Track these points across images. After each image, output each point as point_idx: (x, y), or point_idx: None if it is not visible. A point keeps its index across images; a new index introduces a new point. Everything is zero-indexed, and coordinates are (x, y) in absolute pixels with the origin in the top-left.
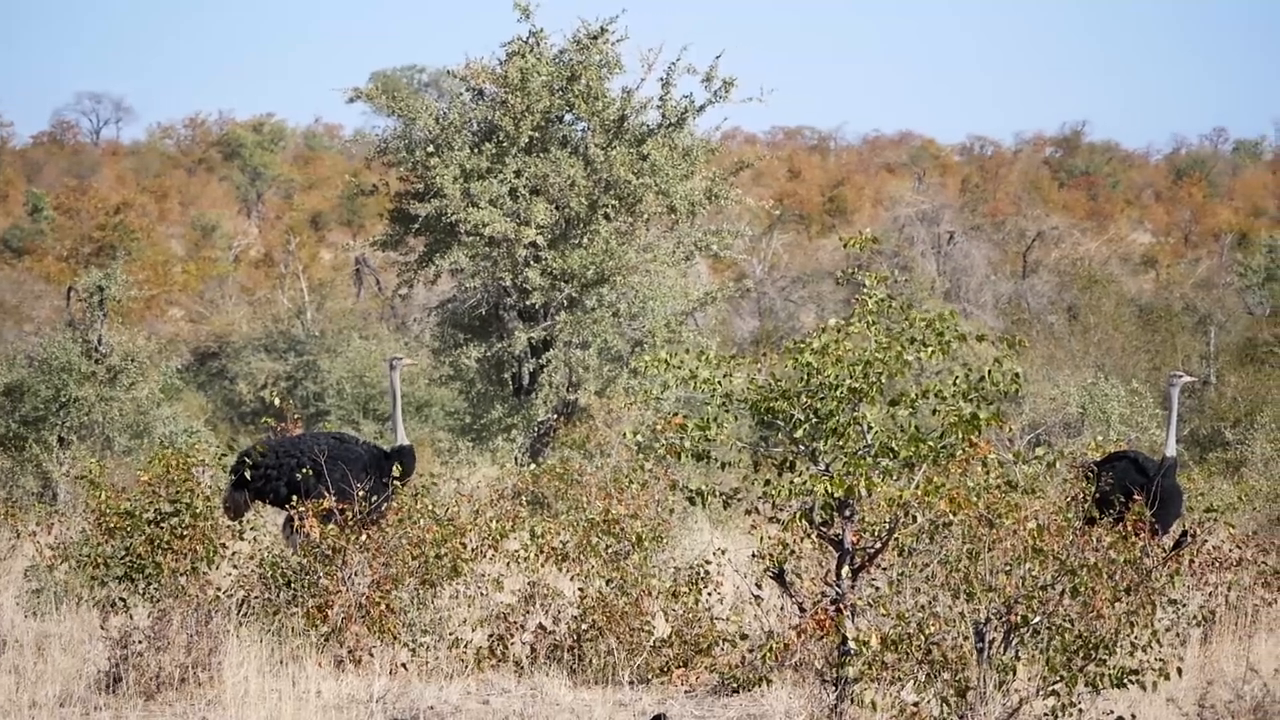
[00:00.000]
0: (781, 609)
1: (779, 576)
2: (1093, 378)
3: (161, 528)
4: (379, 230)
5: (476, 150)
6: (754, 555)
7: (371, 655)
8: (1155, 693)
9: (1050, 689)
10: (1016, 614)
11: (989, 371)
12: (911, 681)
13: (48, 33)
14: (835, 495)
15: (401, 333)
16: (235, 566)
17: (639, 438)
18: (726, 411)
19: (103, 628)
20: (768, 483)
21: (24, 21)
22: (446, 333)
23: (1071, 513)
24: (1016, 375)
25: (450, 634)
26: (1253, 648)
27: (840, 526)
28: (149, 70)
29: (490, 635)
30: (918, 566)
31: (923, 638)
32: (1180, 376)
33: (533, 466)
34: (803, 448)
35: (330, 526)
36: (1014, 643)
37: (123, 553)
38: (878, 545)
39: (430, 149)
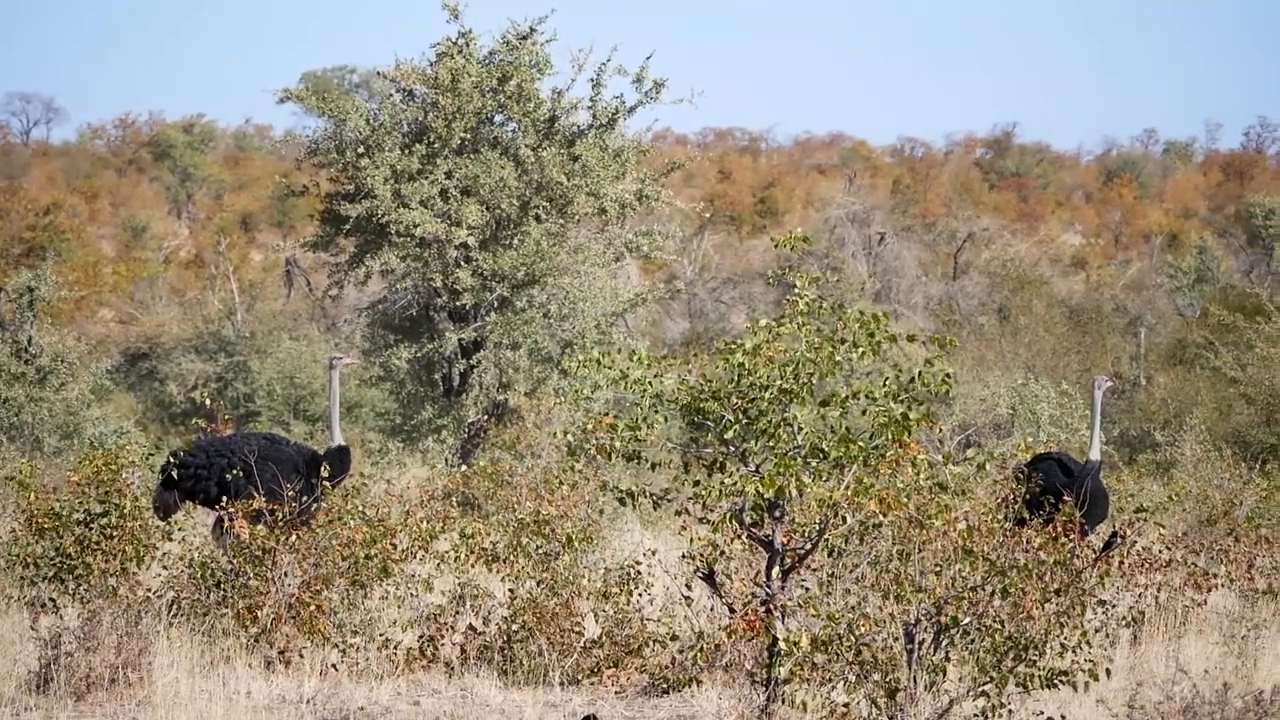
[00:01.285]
0: (712, 610)
1: (709, 577)
2: (1023, 379)
3: (91, 528)
4: (309, 231)
5: (407, 151)
6: (684, 556)
7: (301, 656)
8: (1085, 693)
9: (980, 690)
10: (946, 615)
11: (919, 372)
12: (842, 682)
13: None
14: (765, 496)
15: (332, 334)
16: (165, 567)
17: (569, 438)
18: (657, 412)
19: (33, 628)
20: (698, 483)
21: None
22: (377, 334)
23: (1001, 514)
24: (947, 376)
25: (380, 635)
26: (1182, 649)
27: (770, 527)
28: (79, 71)
29: (420, 636)
30: (848, 567)
31: (853, 638)
32: (1104, 381)
33: (463, 467)
34: (733, 448)
35: (260, 527)
36: (944, 643)
37: (52, 553)
38: (808, 546)
39: (361, 150)
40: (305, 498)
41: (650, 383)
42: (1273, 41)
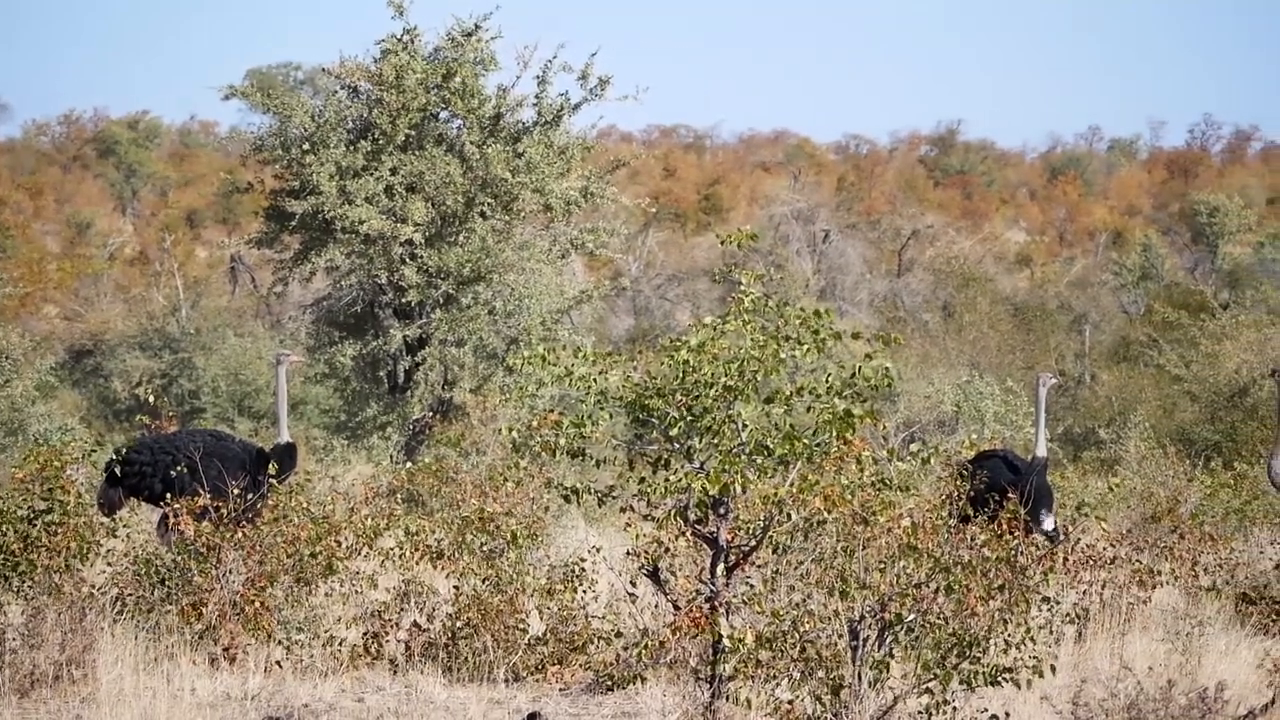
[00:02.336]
0: (656, 607)
1: (654, 574)
2: (967, 376)
3: (35, 525)
4: (254, 228)
5: (352, 148)
6: (629, 553)
7: (246, 653)
8: (1029, 690)
9: (924, 687)
10: (891, 612)
11: (859, 367)
12: (786, 679)
13: None
14: (710, 493)
15: (277, 330)
16: (110, 564)
17: (514, 435)
18: (602, 409)
19: None
20: (643, 480)
21: None
22: (322, 330)
23: (946, 511)
24: (888, 370)
25: (325, 632)
26: (1127, 646)
27: (715, 524)
28: (24, 67)
29: (365, 633)
30: (792, 564)
31: (797, 635)
32: (1048, 378)
33: (408, 464)
34: (678, 445)
35: (205, 524)
36: (888, 640)
37: None
38: (752, 543)
39: (306, 146)
40: (250, 495)
41: (595, 380)
42: (1216, 40)
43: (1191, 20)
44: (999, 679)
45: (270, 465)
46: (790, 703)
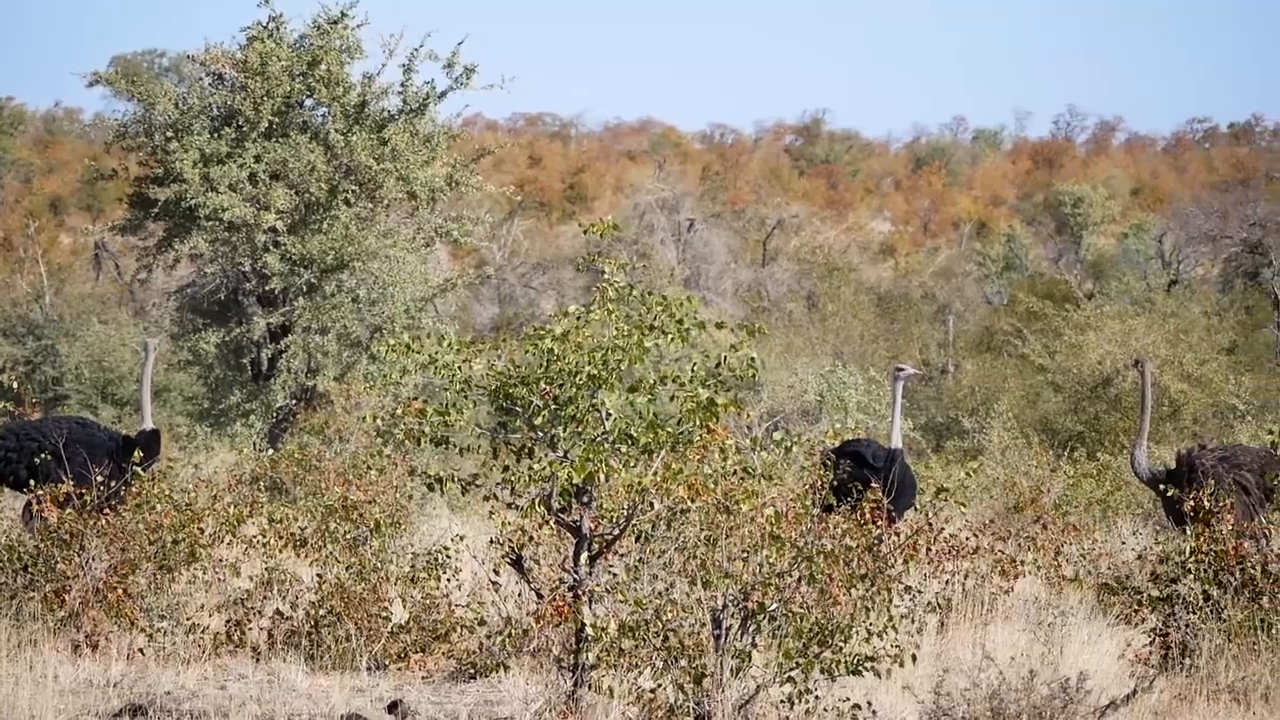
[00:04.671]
0: (520, 595)
1: (517, 563)
2: (831, 365)
3: None
4: (118, 215)
5: (216, 135)
6: (492, 541)
7: (109, 640)
8: (891, 680)
9: (786, 676)
10: (753, 601)
11: (724, 357)
12: (649, 668)
13: None
14: (574, 481)
15: (141, 317)
16: None
17: (378, 423)
18: (466, 397)
19: None
20: (506, 469)
21: None
22: (186, 318)
23: (809, 500)
24: (752, 360)
25: (188, 619)
26: (989, 635)
27: (579, 513)
28: None
29: (228, 621)
30: (656, 553)
31: (660, 624)
32: (904, 371)
33: (271, 452)
34: (542, 434)
35: (68, 511)
36: (751, 629)
37: None
38: (616, 532)
39: (169, 134)
40: (114, 482)
41: (459, 368)
42: (1081, 30)
43: (1056, 11)
44: (861, 668)
45: (135, 452)
46: (653, 691)
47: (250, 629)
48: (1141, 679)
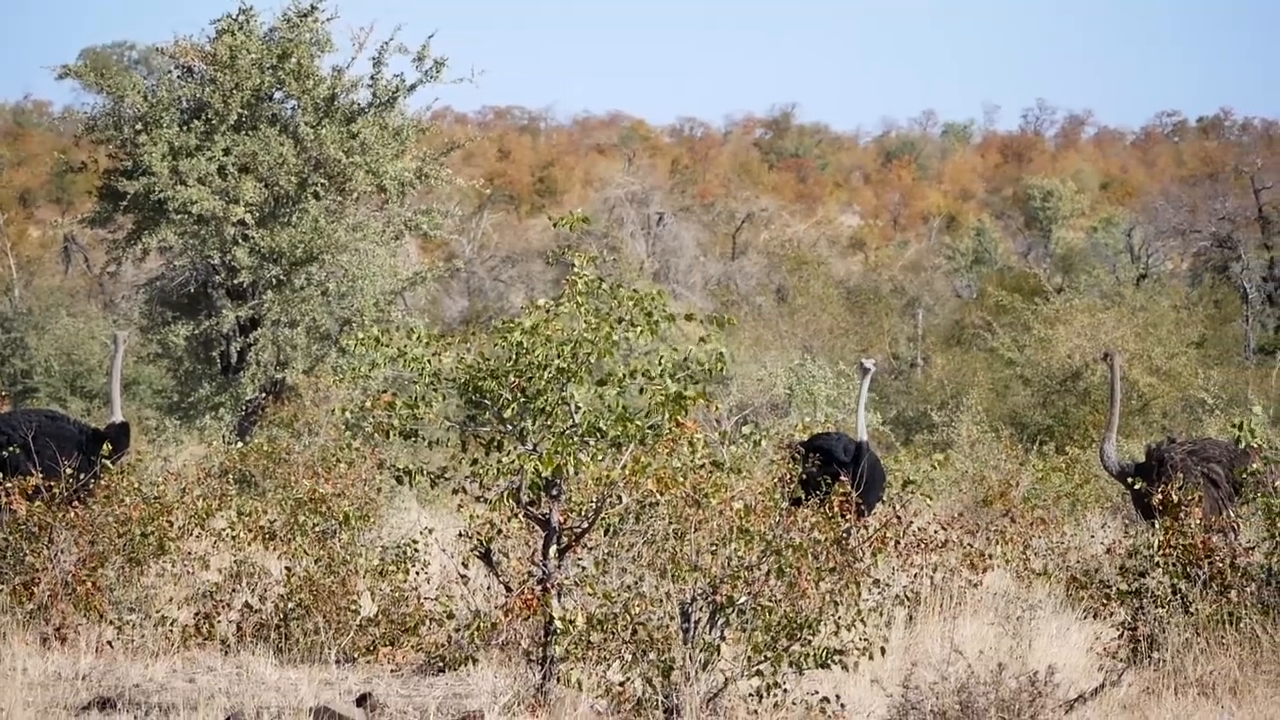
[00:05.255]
0: (489, 588)
1: (486, 556)
2: (800, 359)
3: None
4: (88, 208)
5: (185, 128)
6: (461, 534)
7: (77, 633)
8: (859, 673)
9: (755, 669)
10: (722, 594)
11: (693, 350)
12: (617, 661)
13: None
14: (543, 475)
15: (110, 310)
16: None
17: (347, 416)
18: (435, 390)
19: None
20: (475, 462)
21: None
22: (155, 311)
23: (778, 493)
24: (721, 354)
25: (156, 612)
26: (958, 629)
27: (548, 506)
28: None
29: (196, 613)
30: (624, 546)
31: (629, 617)
32: (868, 363)
33: (240, 445)
34: (511, 427)
35: (37, 504)
36: (719, 622)
37: None
38: (585, 525)
39: (139, 126)
40: (84, 475)
41: (428, 361)
42: (1050, 24)
43: (1025, 5)
44: (829, 661)
45: (104, 445)
46: (621, 684)
47: (219, 622)
48: (1110, 672)
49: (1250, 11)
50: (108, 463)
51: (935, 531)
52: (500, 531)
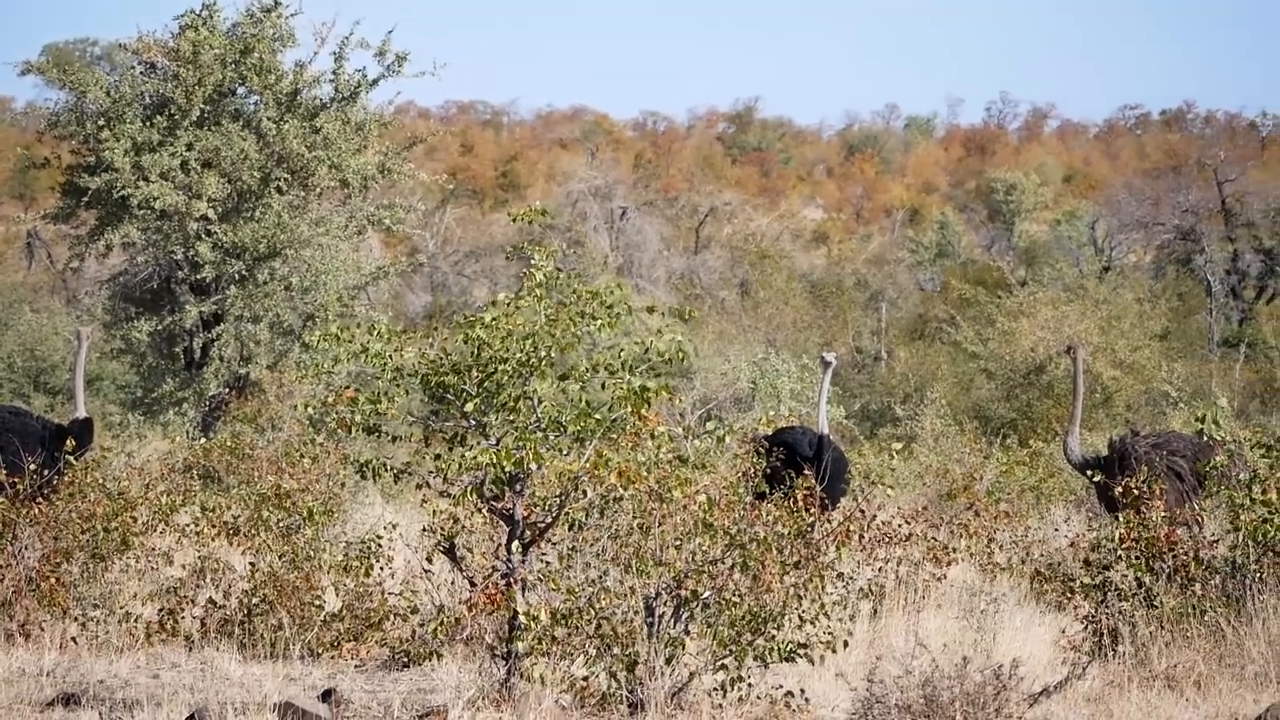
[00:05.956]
0: (452, 583)
1: (450, 551)
2: (764, 353)
3: None
4: (51, 203)
5: (148, 123)
6: (425, 529)
7: (41, 629)
8: (824, 667)
9: (719, 663)
10: (686, 588)
11: (653, 342)
12: (582, 656)
13: None
14: (506, 469)
15: (73, 306)
16: None
17: (310, 412)
18: (398, 386)
19: None
20: (438, 457)
21: None
22: (118, 306)
23: (742, 487)
24: (681, 344)
25: (120, 608)
26: (922, 623)
27: (511, 501)
28: None
29: (160, 609)
30: (588, 541)
31: (593, 612)
32: (829, 357)
33: (204, 440)
34: (473, 422)
35: (0, 499)
36: (684, 617)
37: None
38: (548, 520)
39: (102, 122)
40: (47, 470)
41: (391, 356)
42: (1013, 17)
43: None
44: (794, 655)
45: (68, 441)
46: (585, 679)
47: (183, 618)
48: (1074, 665)
49: (1212, 4)
50: (71, 458)
51: (899, 525)
52: (464, 526)
